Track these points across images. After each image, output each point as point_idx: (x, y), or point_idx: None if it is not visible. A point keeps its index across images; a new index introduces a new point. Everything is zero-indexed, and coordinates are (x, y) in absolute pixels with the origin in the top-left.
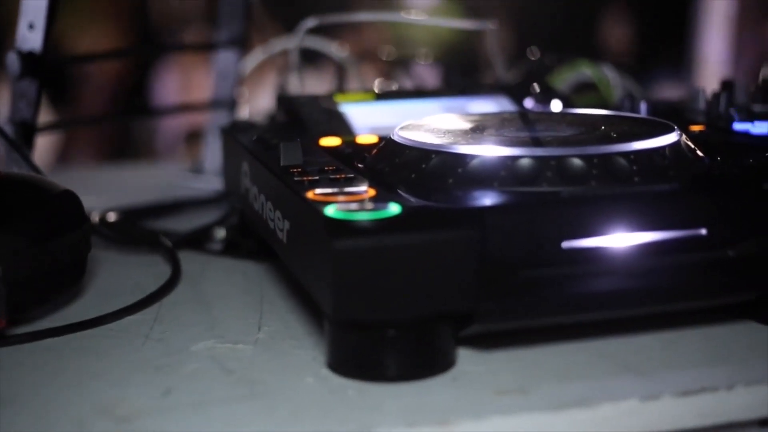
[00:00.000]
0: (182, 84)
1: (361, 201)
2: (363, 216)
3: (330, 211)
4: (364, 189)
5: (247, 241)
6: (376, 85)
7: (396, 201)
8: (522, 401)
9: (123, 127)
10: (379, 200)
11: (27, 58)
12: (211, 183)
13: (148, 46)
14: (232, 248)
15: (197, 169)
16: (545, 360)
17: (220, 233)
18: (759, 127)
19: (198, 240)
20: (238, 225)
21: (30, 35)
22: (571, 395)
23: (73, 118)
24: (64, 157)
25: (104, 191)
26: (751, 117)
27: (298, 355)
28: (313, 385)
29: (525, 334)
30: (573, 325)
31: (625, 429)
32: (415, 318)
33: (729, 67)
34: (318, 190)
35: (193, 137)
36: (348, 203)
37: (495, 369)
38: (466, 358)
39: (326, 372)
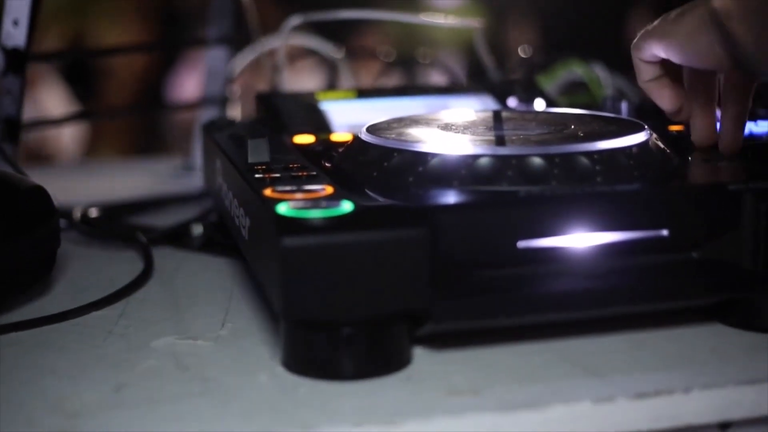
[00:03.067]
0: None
1: (316, 199)
2: (314, 214)
3: (282, 208)
4: (321, 187)
5: (224, 238)
6: (376, 85)
7: (352, 200)
8: (473, 402)
9: (146, 122)
10: (335, 198)
11: (11, 54)
12: (198, 180)
13: (146, 44)
14: (209, 245)
15: (188, 166)
16: (501, 361)
17: (198, 230)
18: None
19: (176, 236)
20: (216, 222)
21: (14, 32)
22: (523, 397)
23: (81, 112)
24: (91, 149)
25: (99, 185)
26: None
27: (257, 353)
28: (266, 383)
29: (482, 334)
30: (530, 325)
31: (578, 431)
32: (366, 317)
33: None
34: (277, 188)
35: None
36: (302, 201)
37: (450, 369)
38: (421, 357)
39: (281, 370)
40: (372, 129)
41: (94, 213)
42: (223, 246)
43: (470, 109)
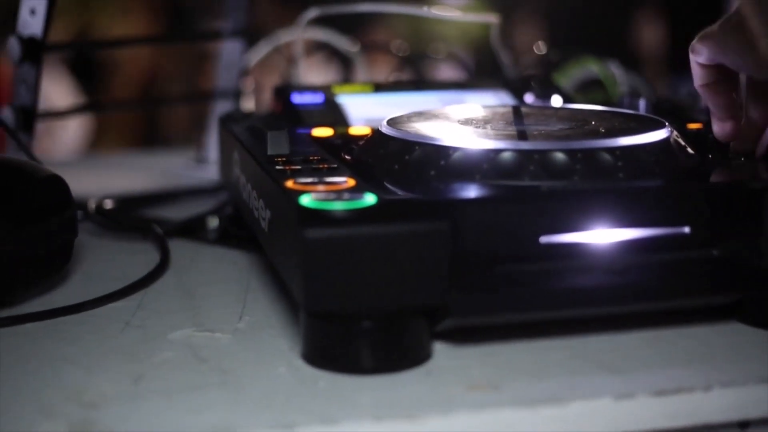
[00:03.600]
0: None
1: (338, 191)
2: (337, 206)
3: (305, 200)
4: (343, 179)
5: (240, 231)
6: (391, 79)
7: (374, 192)
8: (493, 397)
9: (152, 115)
10: (358, 191)
11: (28, 43)
12: (212, 172)
13: (157, 36)
14: (224, 238)
15: (201, 159)
16: (520, 356)
17: (214, 222)
18: None
19: (191, 229)
20: (231, 215)
21: (31, 20)
22: (543, 392)
23: (86, 104)
24: (96, 143)
25: (112, 177)
26: None
27: (275, 345)
28: (285, 375)
29: (502, 329)
30: (550, 321)
31: (597, 428)
32: (388, 310)
33: None
34: (298, 180)
35: None
36: (325, 193)
37: (469, 364)
38: (441, 352)
39: (300, 363)
40: (392, 122)
41: (108, 205)
42: (239, 238)
43: (489, 104)
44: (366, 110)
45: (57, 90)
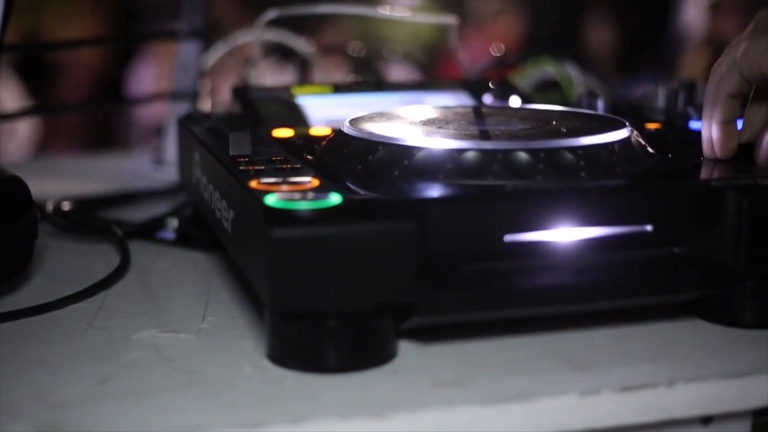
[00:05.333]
0: (160, 75)
1: (303, 191)
2: (303, 206)
3: (270, 200)
4: (308, 179)
5: (200, 231)
6: (349, 80)
7: (339, 192)
8: (459, 395)
9: (102, 118)
10: (322, 191)
11: None
12: (170, 174)
13: (111, 37)
14: (184, 239)
15: (159, 160)
16: (486, 354)
17: (173, 224)
18: None
19: (151, 230)
20: (191, 216)
21: None
22: (509, 390)
23: (37, 106)
24: (44, 146)
25: (67, 180)
26: None
27: (240, 345)
28: (251, 375)
29: (467, 327)
30: (515, 319)
31: (563, 424)
32: (354, 309)
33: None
34: (262, 180)
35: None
36: (289, 193)
37: (435, 362)
38: (407, 350)
39: (266, 363)
40: (355, 123)
41: (67, 206)
42: (199, 239)
43: (449, 104)
44: (325, 111)
45: (5, 92)
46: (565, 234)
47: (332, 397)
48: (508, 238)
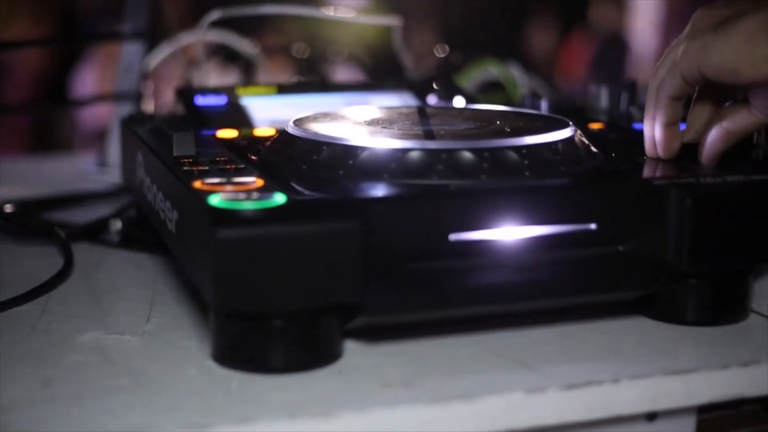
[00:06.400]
0: (104, 77)
1: (248, 191)
2: (247, 206)
3: (214, 200)
4: (252, 179)
5: (144, 233)
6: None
7: (283, 192)
8: (406, 394)
9: (46, 120)
10: (267, 191)
11: None
12: (114, 176)
13: (54, 38)
14: (128, 241)
15: (103, 162)
16: (432, 353)
17: (117, 225)
18: None
19: (95, 232)
20: (135, 217)
21: None
22: (455, 388)
23: None
24: None
25: (10, 182)
26: None
27: (185, 347)
28: (196, 376)
29: (413, 327)
30: (461, 318)
31: (510, 423)
32: (299, 309)
33: None
34: (206, 180)
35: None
36: (234, 193)
37: (382, 362)
38: (353, 350)
39: (211, 364)
40: (299, 123)
41: (9, 209)
42: (143, 241)
43: (393, 105)
44: (270, 112)
45: None
46: (509, 233)
47: (278, 397)
48: (453, 237)
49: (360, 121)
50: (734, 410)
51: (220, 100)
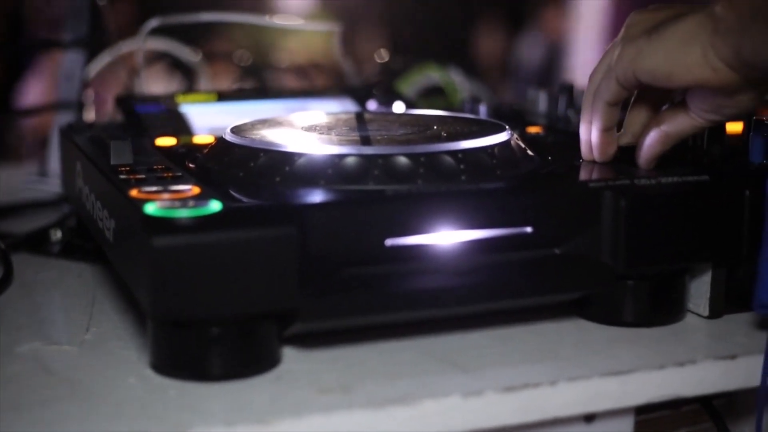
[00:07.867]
0: (48, 86)
1: (183, 199)
2: (183, 213)
3: (150, 208)
4: (188, 187)
5: (84, 242)
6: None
7: (219, 199)
8: (344, 400)
9: None
10: (203, 198)
11: None
12: (55, 185)
13: None
14: (68, 250)
15: (43, 172)
16: (370, 358)
17: (57, 235)
18: None
19: (35, 242)
20: (75, 227)
21: None
22: (393, 393)
23: None
24: None
25: None
26: None
27: (124, 356)
28: (134, 385)
29: (351, 332)
30: (400, 323)
31: (447, 426)
32: (236, 316)
33: None
34: (143, 188)
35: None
36: (170, 201)
37: (319, 368)
38: (291, 356)
39: (150, 372)
40: (236, 130)
41: None
42: (83, 251)
43: (332, 111)
44: (210, 119)
45: None
46: (446, 237)
47: (216, 405)
48: (390, 242)
49: (298, 128)
50: (672, 410)
51: (159, 108)
